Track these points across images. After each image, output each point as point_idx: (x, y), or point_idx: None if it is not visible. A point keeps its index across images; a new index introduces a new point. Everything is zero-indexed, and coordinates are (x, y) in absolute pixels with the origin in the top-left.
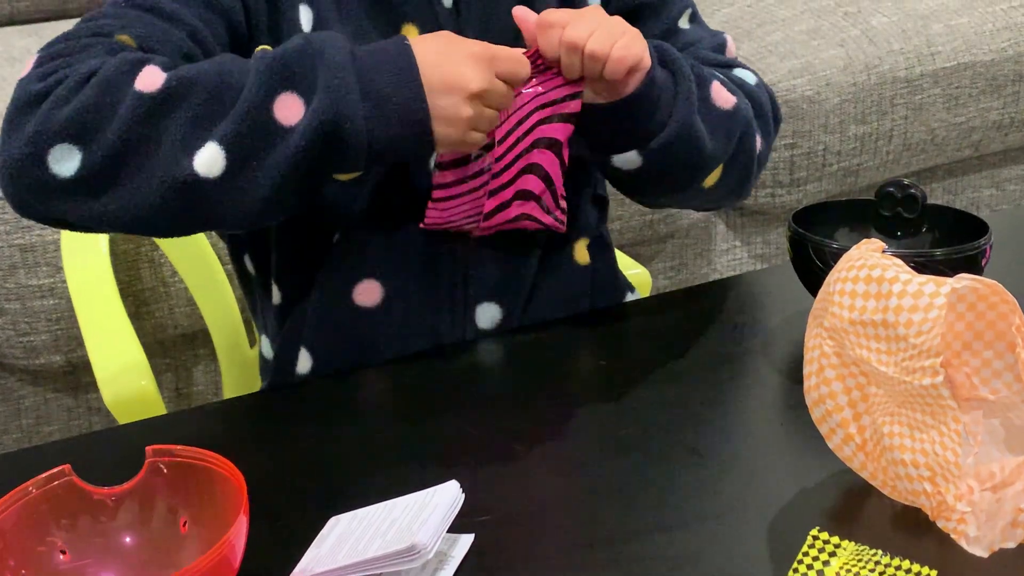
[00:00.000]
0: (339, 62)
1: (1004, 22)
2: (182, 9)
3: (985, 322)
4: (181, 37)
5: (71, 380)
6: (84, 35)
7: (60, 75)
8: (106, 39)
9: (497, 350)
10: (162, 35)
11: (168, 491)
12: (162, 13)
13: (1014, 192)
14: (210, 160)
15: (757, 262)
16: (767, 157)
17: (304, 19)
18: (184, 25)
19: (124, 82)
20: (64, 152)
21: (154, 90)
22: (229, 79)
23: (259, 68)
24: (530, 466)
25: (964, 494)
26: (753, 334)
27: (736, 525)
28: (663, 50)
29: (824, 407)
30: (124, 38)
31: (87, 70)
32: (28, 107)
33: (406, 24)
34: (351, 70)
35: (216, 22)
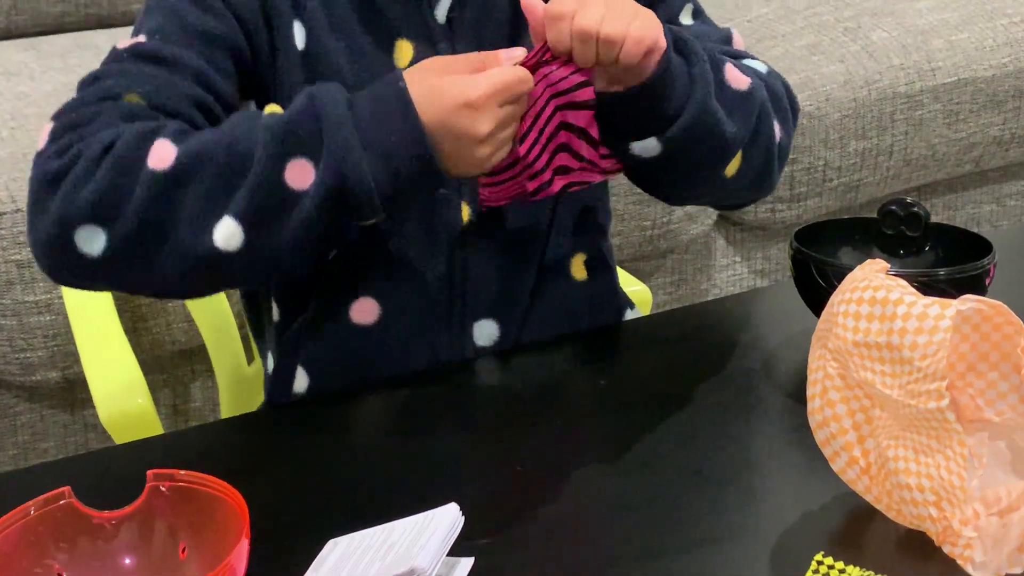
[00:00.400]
0: (339, 118)
1: (1004, 38)
2: (184, 52)
3: (990, 343)
4: (187, 85)
5: (67, 396)
6: (93, 101)
7: (76, 151)
8: (115, 102)
9: (496, 370)
10: (168, 88)
11: (168, 515)
12: (165, 61)
13: (1015, 208)
14: (228, 234)
15: (757, 278)
16: (788, 148)
17: (298, 36)
18: (188, 70)
19: (137, 160)
20: (89, 233)
21: (166, 168)
22: (238, 148)
23: (266, 138)
24: (530, 488)
25: (970, 519)
26: (755, 354)
27: (739, 549)
28: (674, 32)
29: (828, 429)
30: (132, 98)
31: (101, 145)
32: (49, 186)
33: (399, 39)
34: (351, 126)
35: (219, 56)
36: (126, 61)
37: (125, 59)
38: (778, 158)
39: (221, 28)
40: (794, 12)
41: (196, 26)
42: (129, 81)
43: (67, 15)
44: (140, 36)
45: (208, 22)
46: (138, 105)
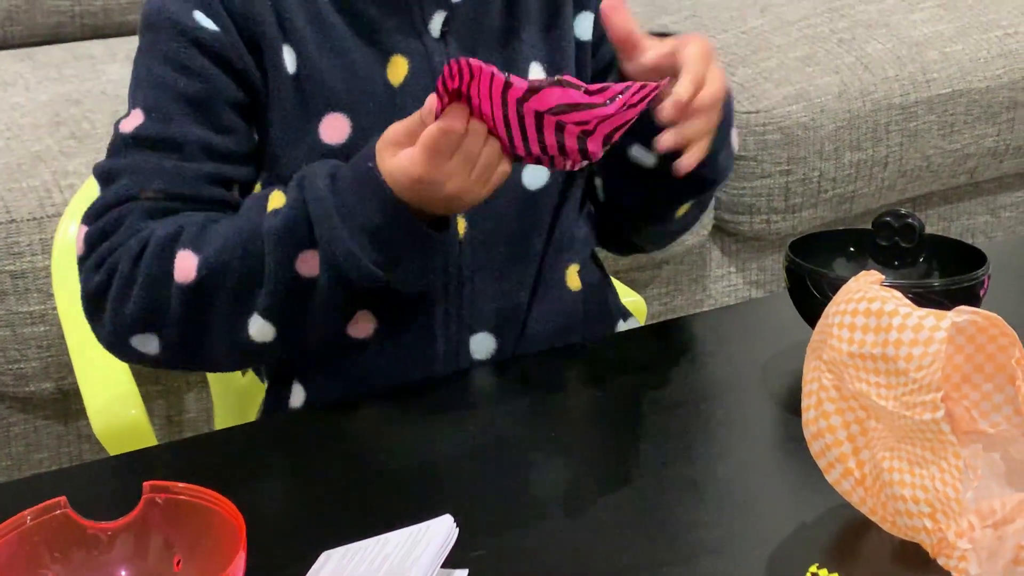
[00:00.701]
0: (325, 210)
1: (999, 49)
2: (184, 129)
3: (985, 355)
4: (196, 165)
5: (61, 407)
6: (115, 203)
7: (110, 264)
8: (135, 202)
9: (491, 382)
10: (179, 177)
11: (164, 528)
12: (169, 145)
13: (1009, 219)
14: (261, 330)
15: (752, 288)
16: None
17: (288, 60)
18: (193, 146)
19: (166, 276)
20: (144, 339)
21: (191, 281)
22: (251, 250)
23: (272, 243)
24: (525, 500)
25: (965, 531)
26: (750, 365)
27: (734, 560)
28: None
29: (823, 441)
30: (150, 194)
31: (130, 258)
32: (96, 302)
33: (394, 56)
34: (335, 216)
35: (219, 115)
36: (133, 150)
37: (132, 147)
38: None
39: (210, 88)
40: (789, 24)
41: (186, 93)
42: (142, 179)
43: (62, 26)
44: (137, 112)
45: (195, 85)
46: (157, 201)
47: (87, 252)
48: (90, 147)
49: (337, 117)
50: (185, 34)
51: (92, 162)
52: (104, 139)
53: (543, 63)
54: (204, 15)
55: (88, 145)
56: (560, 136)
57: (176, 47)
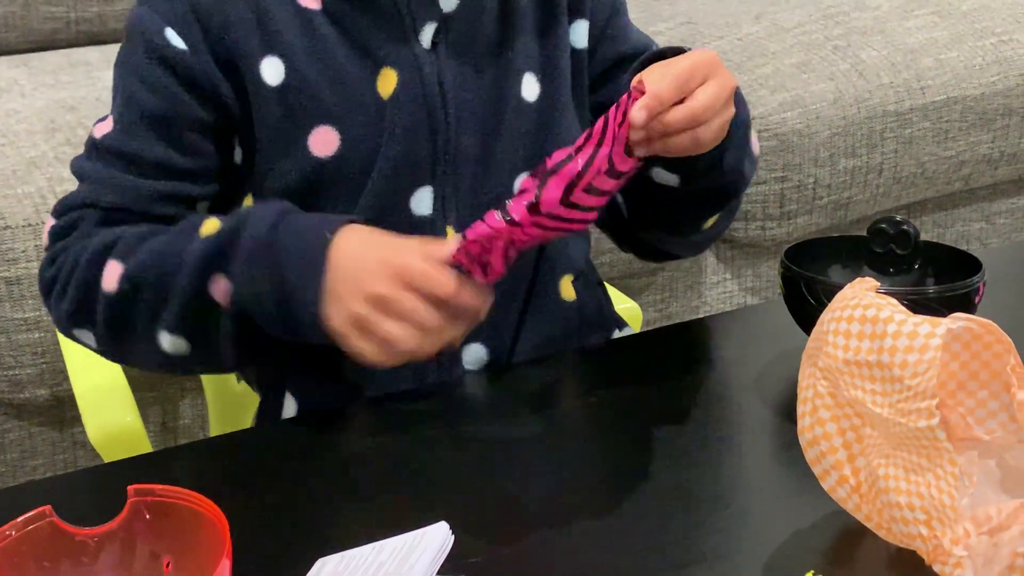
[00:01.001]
0: (251, 250)
1: (993, 56)
2: (143, 143)
3: (980, 362)
4: (151, 184)
5: (56, 414)
6: (78, 205)
7: (60, 263)
8: (92, 209)
9: (486, 388)
10: (132, 192)
11: (151, 532)
12: (126, 157)
13: (1004, 226)
14: (173, 344)
15: (747, 295)
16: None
17: (270, 72)
18: (147, 163)
19: (94, 281)
20: (81, 333)
21: (113, 290)
22: (169, 267)
23: (193, 259)
24: (521, 507)
25: (961, 538)
26: (745, 371)
27: (729, 567)
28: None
29: (818, 448)
30: (104, 204)
31: (72, 261)
32: (46, 292)
33: (384, 68)
34: (260, 257)
35: (181, 136)
36: (98, 154)
37: (98, 153)
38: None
39: (173, 108)
40: (784, 30)
41: (151, 111)
42: (101, 189)
43: (58, 32)
44: (109, 119)
45: (161, 106)
46: (109, 212)
47: (49, 245)
48: None
49: (326, 130)
50: (154, 51)
51: None
52: None
53: (536, 73)
54: (175, 33)
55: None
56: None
57: (145, 63)
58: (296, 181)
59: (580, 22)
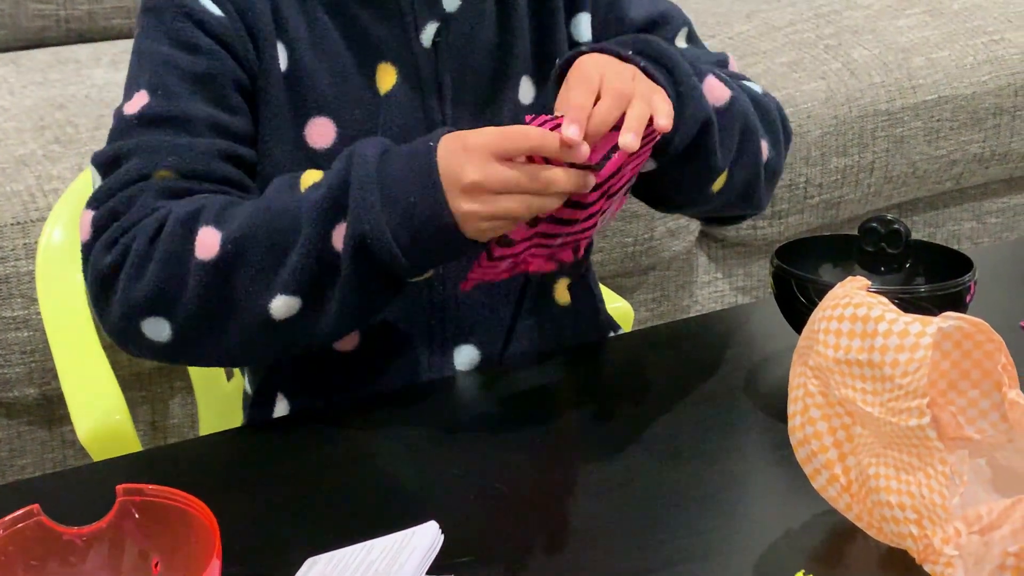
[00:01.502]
0: (363, 180)
1: (985, 55)
2: (191, 105)
3: (971, 361)
4: (207, 141)
5: (45, 413)
6: (125, 185)
7: (123, 245)
8: (147, 182)
9: (477, 388)
10: (191, 152)
11: (139, 532)
12: (176, 122)
13: (995, 225)
14: (285, 306)
15: (739, 294)
16: (778, 168)
17: (281, 58)
18: (201, 123)
19: (185, 252)
20: (154, 324)
21: (214, 257)
22: (279, 225)
23: (310, 211)
24: (511, 506)
25: (951, 537)
26: (737, 371)
27: (720, 567)
28: (654, 47)
29: (809, 447)
30: (162, 173)
31: (146, 237)
32: (107, 281)
33: (382, 63)
34: (374, 186)
35: (225, 95)
36: (138, 130)
37: (136, 127)
38: (765, 177)
39: (216, 67)
40: (775, 29)
41: (192, 71)
42: (153, 157)
43: (47, 30)
44: (142, 92)
45: (202, 63)
46: (170, 180)
47: (95, 236)
48: (74, 151)
49: (324, 121)
50: (190, 16)
51: (77, 166)
52: (89, 143)
53: (532, 76)
54: (209, 1)
55: (72, 149)
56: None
57: (181, 26)
58: (292, 170)
59: (582, 15)
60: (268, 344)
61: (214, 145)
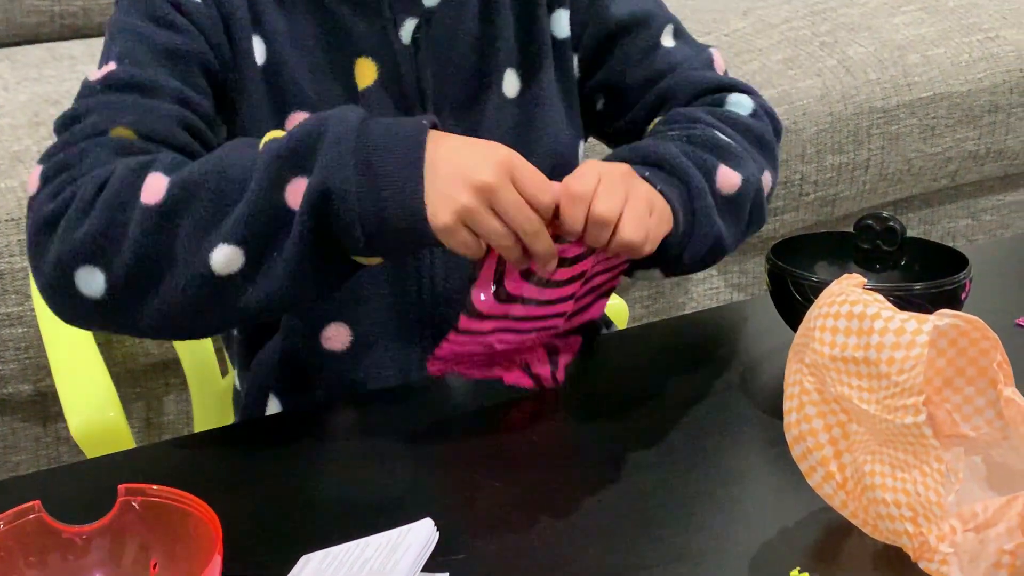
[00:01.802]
0: (339, 135)
1: (980, 53)
2: (158, 75)
3: (967, 358)
4: (171, 108)
5: (39, 409)
6: (80, 139)
7: (69, 193)
8: (103, 137)
9: (471, 386)
10: (152, 114)
11: (140, 531)
12: (142, 87)
13: (990, 222)
14: (227, 258)
15: (734, 291)
16: (776, 183)
17: (257, 51)
18: (166, 92)
19: (130, 196)
20: (88, 275)
21: (159, 200)
22: (231, 174)
23: (267, 159)
24: (506, 504)
25: (947, 535)
26: (732, 368)
27: (715, 564)
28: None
29: (805, 444)
30: (120, 131)
31: (95, 184)
32: (46, 229)
33: (361, 58)
34: (351, 144)
35: (193, 73)
36: (103, 93)
37: (100, 91)
38: (767, 204)
39: (189, 45)
40: (771, 26)
41: (164, 45)
42: (112, 114)
43: (42, 26)
44: (110, 63)
45: (175, 40)
46: (127, 138)
47: (40, 188)
48: None
49: (303, 116)
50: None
51: None
52: None
53: (517, 69)
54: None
55: None
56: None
57: (158, 3)
58: None
59: (560, 11)
60: (205, 306)
61: (177, 112)
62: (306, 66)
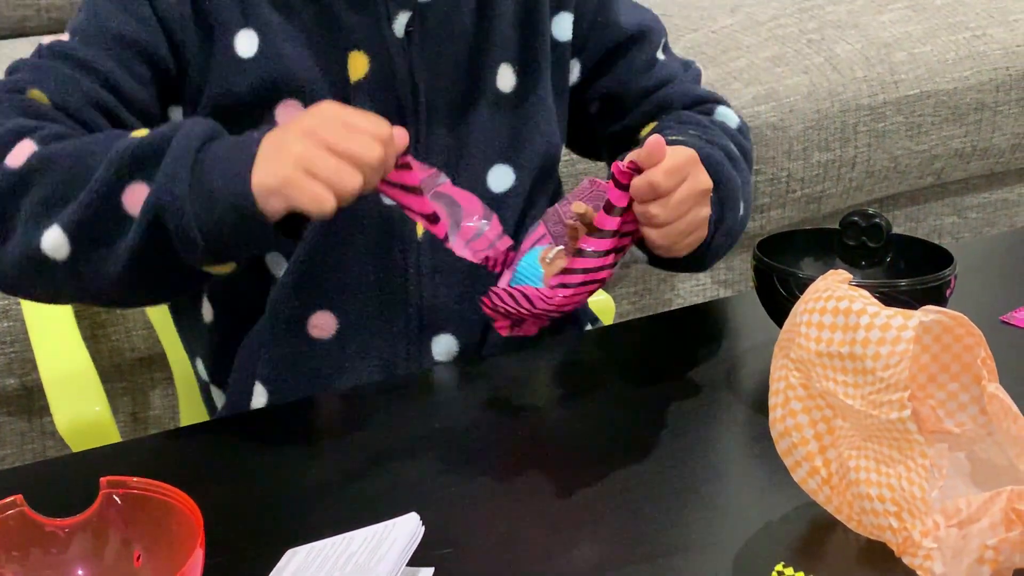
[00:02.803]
0: (182, 149)
1: (966, 51)
2: (97, 55)
3: (951, 355)
4: (90, 87)
5: (25, 404)
6: (3, 91)
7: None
8: (19, 95)
9: (456, 379)
10: (71, 87)
11: (122, 523)
12: (75, 61)
13: (976, 220)
14: (55, 242)
15: (720, 288)
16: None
17: (245, 44)
18: (96, 73)
19: (1, 157)
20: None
21: (17, 166)
22: (89, 161)
23: (112, 157)
24: (492, 498)
25: (930, 530)
26: (718, 363)
27: (700, 559)
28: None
29: (790, 439)
30: (36, 94)
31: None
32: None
33: (353, 51)
34: (189, 159)
35: (135, 62)
36: (44, 57)
37: (44, 55)
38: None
39: (142, 35)
40: (759, 24)
41: (115, 30)
42: (38, 77)
43: (28, 19)
44: (65, 34)
45: (129, 27)
46: (39, 101)
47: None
48: None
49: (294, 104)
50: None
51: None
52: None
53: (513, 64)
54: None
55: None
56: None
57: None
58: None
59: (564, 14)
60: (32, 276)
61: (97, 95)
62: (299, 57)
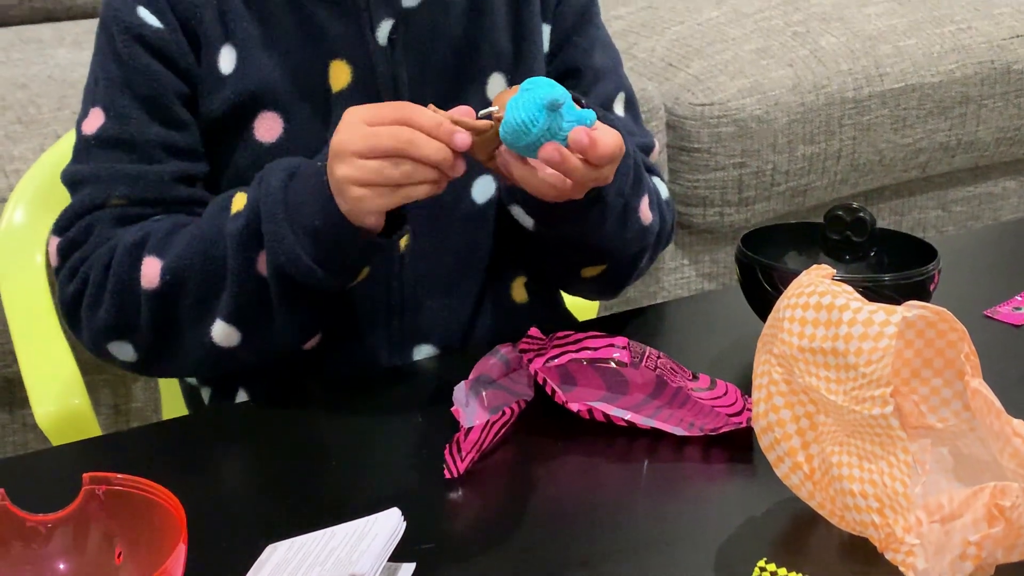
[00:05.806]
0: (272, 208)
1: (951, 44)
2: (143, 128)
3: (934, 350)
4: (159, 168)
5: (6, 396)
6: (83, 212)
7: (83, 273)
8: (102, 210)
9: (439, 374)
10: (143, 182)
11: (104, 519)
12: (130, 145)
13: (960, 213)
14: (225, 334)
15: (705, 281)
16: (645, 272)
17: (225, 61)
18: (154, 145)
19: (133, 282)
20: (119, 346)
21: (156, 287)
22: (213, 253)
23: (233, 246)
24: (473, 493)
25: (913, 526)
26: (701, 357)
27: (682, 554)
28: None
29: (772, 435)
30: (116, 201)
31: (101, 266)
32: (73, 307)
33: (335, 60)
34: (283, 217)
35: (173, 111)
36: (95, 151)
37: (93, 147)
38: (633, 280)
39: (159, 85)
40: (744, 16)
41: (141, 94)
42: (107, 186)
43: (11, 8)
44: (97, 112)
45: (147, 86)
46: (123, 208)
47: (60, 263)
48: (36, 132)
49: (272, 116)
50: (130, 31)
51: (39, 147)
52: (51, 124)
53: (505, 74)
54: (148, 11)
55: (34, 130)
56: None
57: (123, 46)
58: (243, 166)
59: (544, 25)
60: (221, 362)
61: (165, 169)
62: (280, 68)
